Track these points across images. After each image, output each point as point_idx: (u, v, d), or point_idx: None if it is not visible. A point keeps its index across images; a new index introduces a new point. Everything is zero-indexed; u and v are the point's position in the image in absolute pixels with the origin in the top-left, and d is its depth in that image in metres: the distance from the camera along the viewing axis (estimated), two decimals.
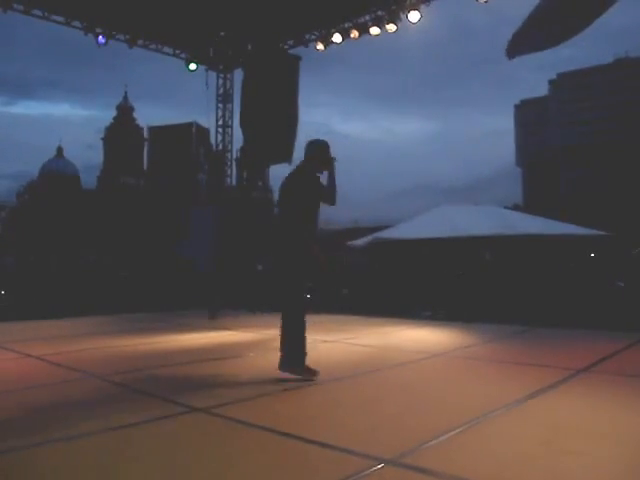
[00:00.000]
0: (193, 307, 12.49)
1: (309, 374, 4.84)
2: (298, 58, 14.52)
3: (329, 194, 5.15)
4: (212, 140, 17.06)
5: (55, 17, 13.12)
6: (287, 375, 4.82)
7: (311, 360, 4.96)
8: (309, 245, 4.87)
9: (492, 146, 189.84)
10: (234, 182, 17.63)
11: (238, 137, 15.76)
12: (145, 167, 60.58)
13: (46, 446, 3.11)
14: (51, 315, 10.83)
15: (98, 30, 13.56)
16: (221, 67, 16.25)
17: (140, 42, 14.71)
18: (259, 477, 2.66)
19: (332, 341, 6.91)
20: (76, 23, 13.37)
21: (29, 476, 2.75)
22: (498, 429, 3.36)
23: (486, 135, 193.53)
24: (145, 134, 60.96)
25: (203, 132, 16.42)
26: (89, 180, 67.19)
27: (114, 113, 68.38)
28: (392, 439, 3.15)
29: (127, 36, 14.26)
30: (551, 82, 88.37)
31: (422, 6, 12.26)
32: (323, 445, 3.05)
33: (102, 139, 68.25)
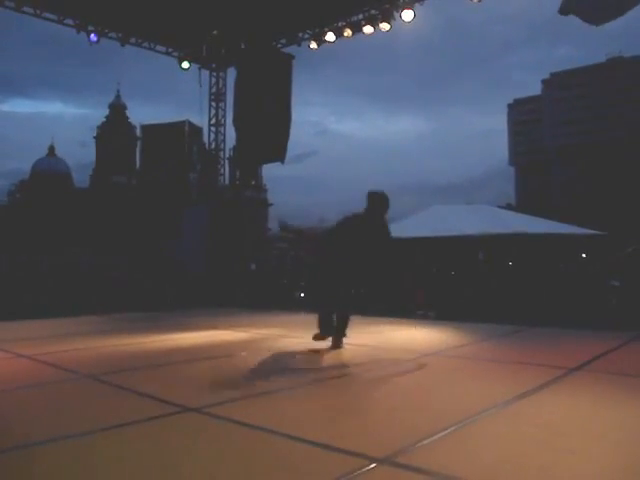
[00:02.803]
0: (185, 307, 12.46)
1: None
2: (291, 57, 14.51)
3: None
4: (205, 139, 17.05)
5: (47, 14, 13.06)
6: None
7: (303, 359, 4.94)
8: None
9: (485, 145, 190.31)
10: (227, 181, 17.59)
11: (231, 136, 15.78)
12: (138, 166, 60.36)
13: (36, 447, 3.08)
14: (43, 315, 10.77)
15: (90, 28, 13.53)
16: (214, 66, 16.23)
17: (133, 40, 14.68)
18: (251, 477, 2.65)
19: (326, 340, 6.89)
20: (68, 21, 13.33)
21: (19, 478, 2.72)
22: (491, 428, 3.36)
23: (479, 134, 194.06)
24: (138, 132, 60.75)
25: (196, 131, 16.34)
26: (81, 178, 66.92)
27: (107, 111, 68.10)
28: (384, 438, 3.14)
29: (119, 34, 14.23)
30: (544, 82, 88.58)
31: (416, 5, 12.28)
32: (314, 444, 3.03)
33: (94, 137, 67.85)
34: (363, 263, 6.33)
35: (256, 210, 55.76)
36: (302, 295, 13.61)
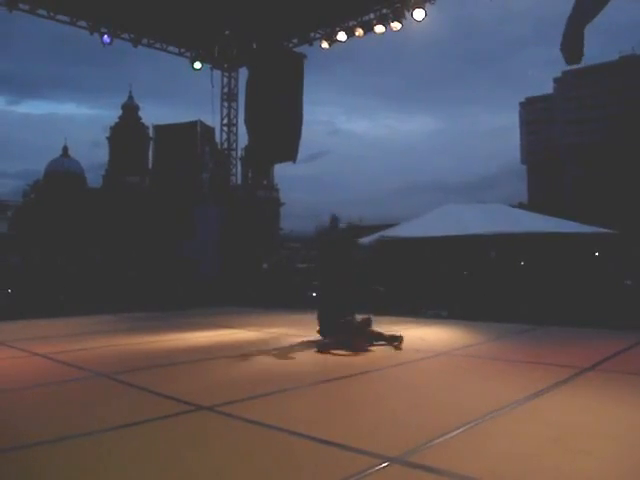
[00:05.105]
0: (198, 306, 12.51)
1: None
2: (303, 56, 14.51)
3: None
4: (217, 139, 17.08)
5: (60, 17, 13.17)
6: None
7: (315, 358, 4.96)
8: None
9: (497, 144, 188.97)
10: (239, 181, 17.64)
11: (243, 136, 15.79)
12: (150, 166, 60.24)
13: (50, 444, 3.13)
14: (58, 314, 10.86)
15: (103, 30, 13.61)
16: (226, 66, 16.27)
17: (145, 41, 14.75)
18: (264, 475, 2.67)
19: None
20: (81, 23, 13.42)
21: (33, 474, 2.76)
22: (504, 427, 3.36)
23: (491, 133, 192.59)
24: (150, 133, 60.67)
25: (208, 131, 16.40)
26: (94, 179, 67.37)
27: (119, 112, 68.41)
28: (397, 437, 3.15)
29: (132, 35, 14.31)
30: (556, 80, 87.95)
31: (427, 4, 12.25)
32: (328, 443, 3.05)
33: (107, 138, 68.20)
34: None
35: (268, 210, 55.80)
36: (314, 294, 13.61)
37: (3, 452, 3.02)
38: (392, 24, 12.78)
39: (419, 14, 12.23)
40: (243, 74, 15.79)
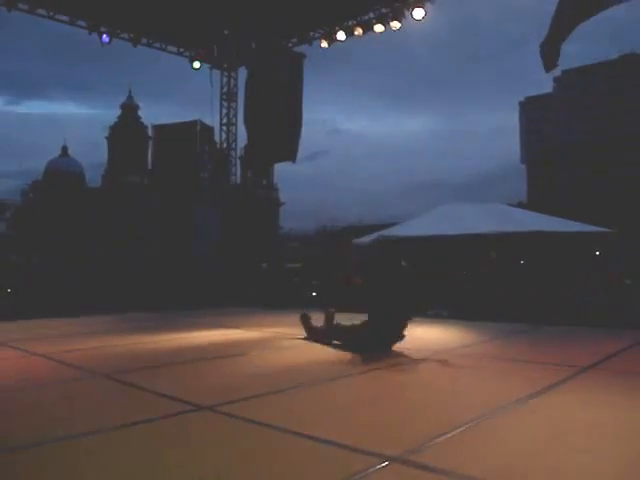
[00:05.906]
0: (198, 306, 12.50)
1: None
2: (302, 56, 14.51)
3: None
4: (216, 138, 17.08)
5: (60, 16, 13.17)
6: None
7: (315, 357, 4.95)
8: None
9: (497, 143, 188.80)
10: (238, 180, 17.65)
11: (242, 135, 15.81)
12: (149, 165, 59.99)
13: (49, 445, 3.12)
14: (57, 314, 10.85)
15: (102, 29, 13.61)
16: (225, 65, 16.27)
17: (144, 41, 14.76)
18: (264, 475, 2.66)
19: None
20: (81, 22, 13.43)
21: (32, 474, 2.75)
22: (503, 426, 3.36)
23: (491, 132, 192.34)
24: (149, 132, 60.47)
25: (207, 130, 16.44)
26: (94, 178, 67.27)
27: (119, 112, 68.26)
28: (397, 436, 3.15)
29: (131, 35, 14.31)
30: (555, 79, 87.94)
31: (426, 3, 12.26)
32: (328, 443, 3.04)
33: (107, 137, 68.07)
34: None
35: (268, 209, 55.75)
36: (314, 294, 13.62)
37: (2, 453, 3.02)
38: (391, 23, 12.80)
39: (418, 13, 12.24)
40: (242, 74, 15.81)
